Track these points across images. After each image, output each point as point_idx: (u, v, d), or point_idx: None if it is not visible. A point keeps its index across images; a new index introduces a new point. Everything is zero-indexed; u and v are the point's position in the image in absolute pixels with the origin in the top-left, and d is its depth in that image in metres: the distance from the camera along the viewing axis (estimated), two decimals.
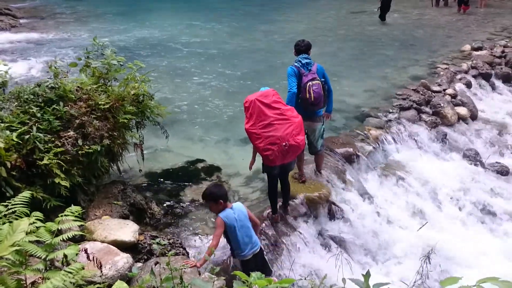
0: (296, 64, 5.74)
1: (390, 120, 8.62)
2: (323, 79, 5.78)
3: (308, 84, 5.60)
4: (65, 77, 5.39)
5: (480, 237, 6.77)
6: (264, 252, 4.61)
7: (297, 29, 15.89)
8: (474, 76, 11.51)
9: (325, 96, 5.87)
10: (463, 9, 18.78)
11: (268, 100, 4.92)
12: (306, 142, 6.08)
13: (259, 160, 5.19)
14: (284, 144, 4.84)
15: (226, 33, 15.85)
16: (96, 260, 2.83)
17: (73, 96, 5.10)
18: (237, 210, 4.33)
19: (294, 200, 5.98)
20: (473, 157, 8.47)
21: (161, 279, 2.72)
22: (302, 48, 5.87)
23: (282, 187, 5.61)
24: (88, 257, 2.89)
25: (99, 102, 5.19)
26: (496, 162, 8.65)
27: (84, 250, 3.01)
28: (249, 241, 4.35)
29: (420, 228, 6.55)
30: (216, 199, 4.27)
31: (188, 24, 17.03)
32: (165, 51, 13.39)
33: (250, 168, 5.35)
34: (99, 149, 4.95)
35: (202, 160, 7.10)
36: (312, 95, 5.58)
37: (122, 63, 5.80)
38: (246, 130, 4.98)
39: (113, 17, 18.69)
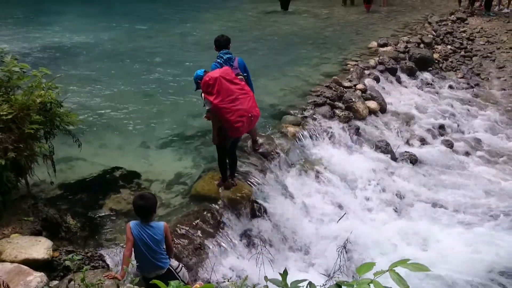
0: (218, 60, 5.96)
1: (306, 117, 8.83)
2: (245, 74, 6.13)
3: None
4: None
5: (394, 224, 7.16)
6: (178, 270, 4.29)
7: (211, 29, 15.81)
8: (381, 71, 12.10)
9: None
10: (365, 7, 19.71)
11: (230, 77, 5.53)
12: None
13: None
14: (250, 115, 5.54)
15: (138, 36, 15.42)
16: (3, 283, 2.63)
17: None
18: (151, 230, 4.09)
19: (216, 203, 6.01)
20: (385, 148, 8.92)
21: None
22: (222, 43, 6.16)
23: (230, 160, 6.17)
24: None
25: (1, 113, 4.85)
26: (405, 152, 9.17)
27: None
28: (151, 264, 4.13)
29: (339, 219, 6.80)
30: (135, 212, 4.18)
31: (98, 28, 16.31)
32: (74, 56, 12.74)
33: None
34: (3, 163, 4.65)
35: (119, 168, 6.87)
36: None
37: (25, 70, 5.49)
38: (215, 106, 5.40)
39: (13, 21, 17.49)
